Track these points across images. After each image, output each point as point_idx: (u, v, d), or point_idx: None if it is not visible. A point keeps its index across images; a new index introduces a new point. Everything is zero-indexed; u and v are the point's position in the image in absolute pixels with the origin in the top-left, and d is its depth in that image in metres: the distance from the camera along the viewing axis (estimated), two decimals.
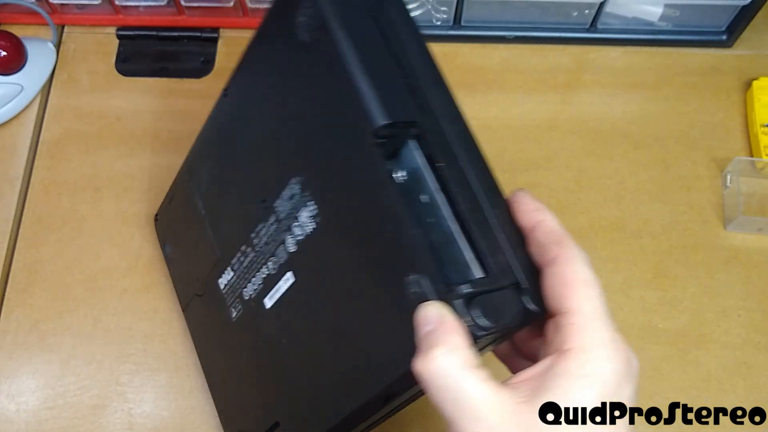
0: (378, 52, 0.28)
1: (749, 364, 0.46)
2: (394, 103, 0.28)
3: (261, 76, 0.35)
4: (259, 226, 0.35)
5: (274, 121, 0.33)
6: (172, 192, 0.45)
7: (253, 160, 0.36)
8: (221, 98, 0.38)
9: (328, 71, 0.28)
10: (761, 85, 0.53)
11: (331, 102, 0.29)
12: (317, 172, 0.31)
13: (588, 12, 0.54)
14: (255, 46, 0.35)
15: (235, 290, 0.38)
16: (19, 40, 0.54)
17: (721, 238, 0.50)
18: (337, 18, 0.28)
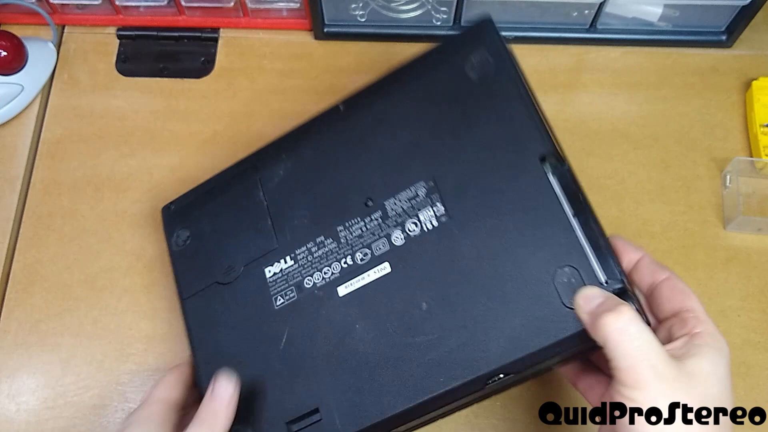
0: (531, 94, 0.38)
1: (749, 364, 0.46)
2: (547, 131, 0.37)
3: (406, 97, 0.41)
4: (353, 221, 0.39)
5: (406, 134, 0.40)
6: (212, 183, 0.45)
7: (360, 165, 0.40)
8: (334, 110, 0.43)
9: (500, 103, 0.38)
10: (761, 86, 0.53)
11: (497, 125, 0.37)
12: (456, 178, 0.38)
13: (588, 12, 0.54)
14: (408, 72, 0.41)
15: (289, 279, 0.40)
16: (19, 40, 0.54)
17: (720, 238, 0.50)
18: (513, 67, 0.39)
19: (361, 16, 0.56)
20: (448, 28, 0.56)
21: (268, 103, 0.55)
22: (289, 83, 0.56)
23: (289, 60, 0.57)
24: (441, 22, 0.56)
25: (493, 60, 0.39)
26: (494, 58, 0.39)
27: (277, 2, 0.56)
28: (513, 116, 0.37)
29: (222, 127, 0.55)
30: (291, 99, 0.55)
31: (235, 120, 0.55)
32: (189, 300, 0.43)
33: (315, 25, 0.56)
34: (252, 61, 0.57)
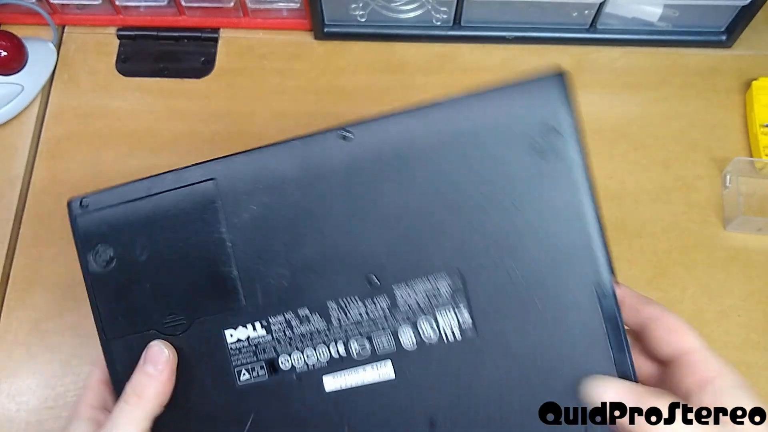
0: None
1: (749, 364, 0.46)
2: (608, 252, 0.31)
3: (445, 147, 0.31)
4: (350, 300, 0.31)
5: (435, 200, 0.30)
6: (150, 188, 0.33)
7: (367, 225, 0.31)
8: (338, 134, 0.33)
9: (563, 204, 0.30)
10: (761, 86, 0.53)
11: (554, 231, 0.30)
12: (492, 284, 0.30)
13: (588, 12, 0.54)
14: (451, 111, 0.32)
15: (258, 352, 0.32)
16: (19, 41, 0.54)
17: (720, 238, 0.50)
18: (583, 158, 0.31)
19: (361, 16, 0.56)
20: (448, 28, 0.56)
21: (269, 103, 0.55)
22: (289, 83, 0.56)
23: (289, 60, 0.57)
24: (441, 23, 0.56)
25: (561, 143, 0.30)
26: (564, 140, 0.30)
27: (277, 2, 0.56)
28: (576, 229, 0.30)
29: (222, 127, 0.55)
30: (291, 99, 0.55)
31: (235, 120, 0.55)
32: (114, 343, 0.33)
33: (315, 25, 0.56)
34: (252, 61, 0.57)
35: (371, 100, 0.55)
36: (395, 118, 0.31)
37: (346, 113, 0.55)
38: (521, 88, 0.30)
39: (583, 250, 0.30)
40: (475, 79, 0.56)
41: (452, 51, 0.57)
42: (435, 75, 0.56)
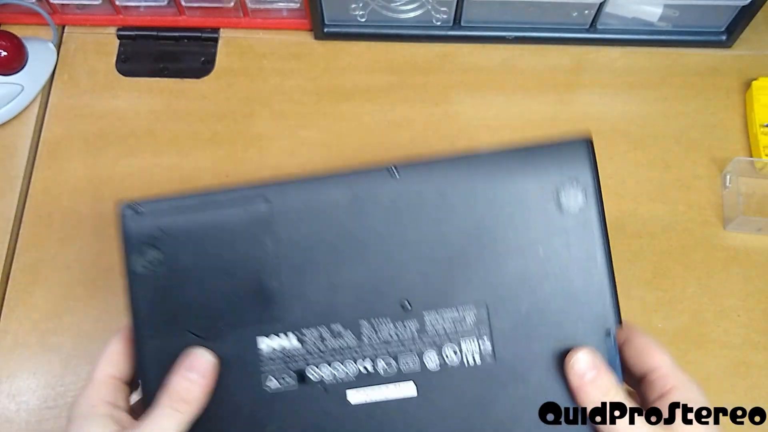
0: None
1: (748, 364, 0.46)
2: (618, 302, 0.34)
3: (481, 195, 0.35)
4: (382, 321, 0.34)
5: (469, 240, 0.34)
6: (204, 202, 0.35)
7: (406, 255, 0.34)
8: (386, 171, 0.35)
9: (581, 255, 0.34)
10: (761, 86, 0.53)
11: (572, 278, 0.34)
12: (512, 318, 0.34)
13: (588, 12, 0.54)
14: (488, 164, 0.35)
15: (289, 362, 0.34)
16: (19, 41, 0.54)
17: (720, 238, 0.50)
18: (603, 217, 0.35)
19: (361, 16, 0.56)
20: (448, 28, 0.56)
21: (269, 103, 0.55)
22: (289, 83, 0.56)
23: (289, 60, 0.57)
24: (441, 22, 0.56)
25: (584, 200, 0.34)
26: (587, 198, 0.35)
27: (277, 2, 0.56)
28: (590, 275, 0.34)
29: (222, 127, 0.55)
30: (291, 99, 0.56)
31: (235, 120, 0.55)
32: (149, 342, 0.34)
33: (315, 25, 0.56)
34: (252, 61, 0.57)
35: (371, 100, 0.55)
36: (439, 164, 0.35)
37: (346, 113, 0.55)
38: (552, 148, 0.35)
39: (596, 296, 0.34)
40: (475, 79, 0.56)
41: (452, 51, 0.57)
42: (435, 75, 0.56)
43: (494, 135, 0.54)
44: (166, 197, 0.35)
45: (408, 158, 0.36)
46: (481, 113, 0.55)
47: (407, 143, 0.54)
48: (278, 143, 0.54)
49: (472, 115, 0.55)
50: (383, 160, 0.35)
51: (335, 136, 0.54)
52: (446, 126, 0.54)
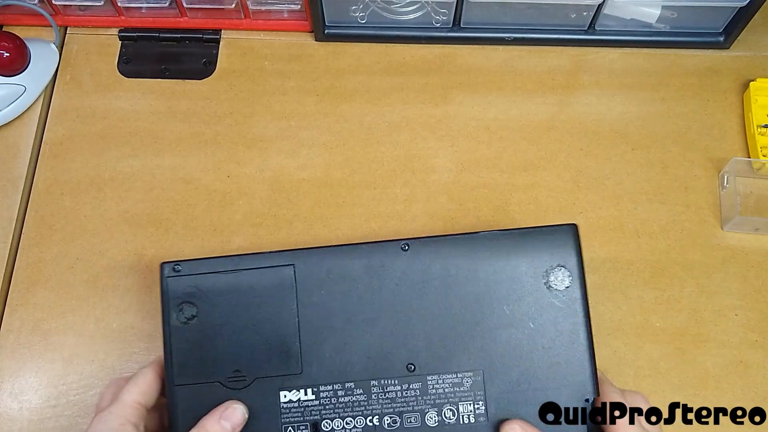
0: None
1: (746, 363, 0.46)
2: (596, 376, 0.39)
3: (480, 275, 0.39)
4: (390, 381, 0.38)
5: (469, 314, 0.39)
6: (236, 266, 0.40)
7: (413, 324, 0.39)
8: (397, 246, 0.40)
9: (566, 332, 0.38)
10: (758, 86, 0.54)
11: (559, 353, 0.38)
12: (504, 385, 0.38)
13: (586, 14, 0.55)
14: (486, 247, 0.40)
15: (306, 414, 0.38)
16: (22, 42, 0.54)
17: (718, 238, 0.50)
18: (585, 299, 0.39)
19: (361, 18, 0.56)
20: (448, 29, 0.57)
21: (269, 104, 0.56)
22: (289, 84, 0.56)
23: (289, 61, 0.58)
24: (441, 24, 0.56)
25: (570, 281, 0.39)
26: (572, 279, 0.39)
27: (277, 4, 0.56)
28: (574, 349, 0.38)
29: (223, 128, 0.55)
30: (292, 100, 0.56)
31: (236, 121, 0.55)
32: (181, 389, 0.38)
33: (315, 27, 0.57)
34: (253, 62, 0.58)
35: (371, 102, 0.56)
36: (444, 241, 0.40)
37: (347, 114, 0.55)
38: (544, 232, 0.40)
39: (578, 367, 0.38)
40: (474, 80, 0.56)
41: (452, 52, 0.58)
42: (435, 76, 0.57)
43: (493, 136, 0.54)
44: (203, 259, 0.40)
45: (417, 234, 0.43)
46: (480, 114, 0.55)
47: (407, 144, 0.54)
48: (279, 144, 0.54)
49: (472, 116, 0.55)
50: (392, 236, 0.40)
51: (336, 137, 0.54)
52: (446, 127, 0.55)
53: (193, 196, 0.52)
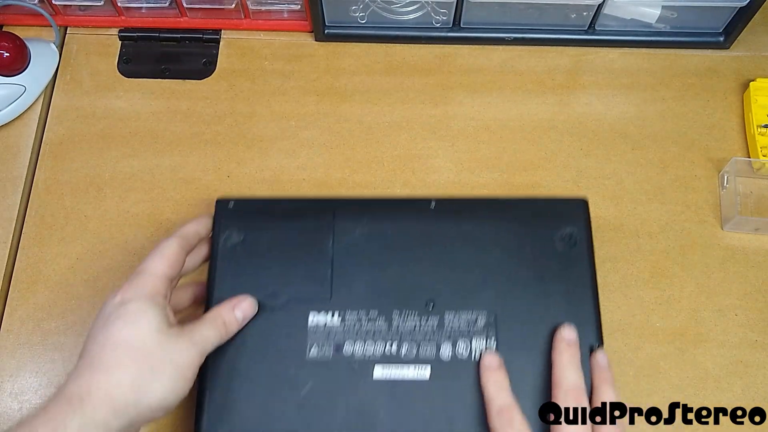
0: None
1: (746, 363, 0.46)
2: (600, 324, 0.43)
3: (497, 232, 0.44)
4: (410, 313, 0.42)
5: (485, 263, 0.43)
6: (282, 205, 0.45)
7: (434, 267, 0.43)
8: (425, 203, 0.45)
9: (573, 285, 0.43)
10: (758, 86, 0.54)
11: (565, 301, 0.42)
12: (515, 327, 0.42)
13: (586, 14, 0.55)
14: (504, 210, 0.45)
15: (331, 336, 0.41)
16: (21, 42, 0.54)
17: (718, 238, 0.50)
18: (592, 257, 0.44)
19: (361, 18, 0.56)
20: (448, 29, 0.57)
21: (269, 104, 0.56)
22: (290, 84, 0.57)
23: (289, 61, 0.58)
24: (441, 24, 0.56)
25: (579, 243, 0.44)
26: (581, 242, 0.44)
27: (277, 4, 0.56)
28: (580, 301, 0.42)
29: (223, 127, 0.55)
30: (292, 100, 0.56)
31: (236, 121, 0.55)
32: (222, 301, 0.42)
33: (315, 27, 0.57)
34: (253, 62, 0.58)
35: (371, 102, 0.56)
36: (467, 202, 0.45)
37: (347, 114, 0.55)
38: (557, 201, 0.45)
39: (584, 317, 0.42)
40: (474, 80, 0.56)
41: (452, 52, 0.58)
42: (435, 76, 0.57)
43: (493, 135, 0.54)
44: (255, 199, 0.46)
45: (445, 196, 0.48)
46: (480, 114, 0.55)
47: (407, 144, 0.54)
48: (279, 144, 0.54)
49: (472, 116, 0.55)
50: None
51: (336, 137, 0.54)
52: (446, 127, 0.55)
53: (193, 196, 0.52)
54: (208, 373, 0.41)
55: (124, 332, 0.36)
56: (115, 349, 0.35)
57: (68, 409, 0.33)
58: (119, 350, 0.35)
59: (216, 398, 0.40)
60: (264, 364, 0.41)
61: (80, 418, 0.33)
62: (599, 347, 0.41)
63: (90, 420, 0.33)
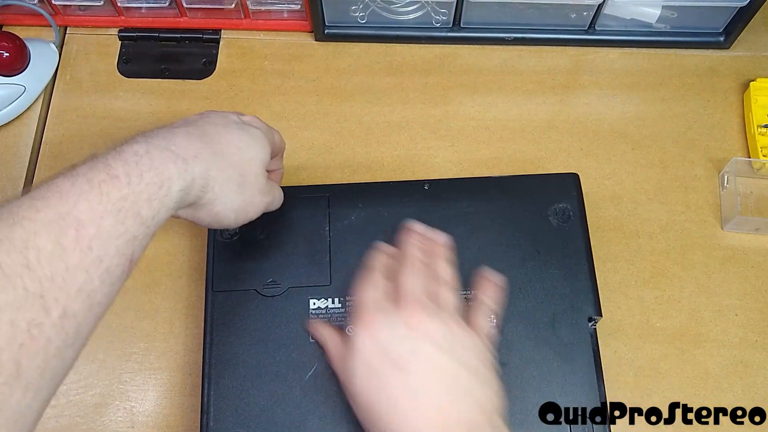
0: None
1: (746, 363, 0.46)
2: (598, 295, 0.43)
3: (490, 210, 0.45)
4: None
5: (479, 242, 0.44)
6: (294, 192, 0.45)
7: None
8: (418, 184, 0.46)
9: (569, 258, 0.43)
10: (758, 86, 0.54)
11: (561, 275, 0.43)
12: (513, 302, 0.42)
13: (586, 14, 0.55)
14: (497, 187, 0.46)
15: (332, 320, 0.42)
16: (21, 42, 0.54)
17: (718, 238, 0.50)
18: (586, 230, 0.44)
19: (361, 18, 0.56)
20: (448, 29, 0.57)
21: (269, 104, 0.56)
22: (289, 84, 0.56)
23: (289, 61, 0.57)
24: (441, 24, 0.56)
25: (572, 217, 0.45)
26: (574, 216, 0.45)
27: (277, 4, 0.56)
28: (577, 274, 0.43)
29: None
30: (292, 100, 0.56)
31: None
32: (219, 294, 0.43)
33: (315, 27, 0.57)
34: (253, 62, 0.58)
35: (371, 101, 0.56)
36: (461, 182, 0.46)
37: (347, 114, 0.55)
38: (548, 177, 0.46)
39: (582, 290, 0.43)
40: (474, 80, 0.56)
41: (452, 52, 0.57)
42: (435, 76, 0.57)
43: (493, 136, 0.54)
44: None
45: (438, 178, 0.47)
46: (480, 114, 0.55)
47: (407, 144, 0.54)
48: None
49: (472, 116, 0.55)
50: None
51: (336, 137, 0.54)
52: (446, 127, 0.55)
53: None
54: (213, 361, 0.41)
55: (241, 142, 0.37)
56: (228, 146, 0.36)
57: (173, 168, 0.32)
58: (231, 148, 0.36)
59: (222, 385, 0.41)
60: (268, 351, 0.41)
61: (182, 179, 0.33)
62: (596, 319, 0.42)
63: (189, 182, 0.33)
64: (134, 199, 0.30)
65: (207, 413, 0.41)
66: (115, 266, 0.30)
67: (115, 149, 0.32)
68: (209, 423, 0.40)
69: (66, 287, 0.27)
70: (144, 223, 0.31)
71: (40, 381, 0.26)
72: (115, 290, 0.31)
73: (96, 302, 0.29)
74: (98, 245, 0.29)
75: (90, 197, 0.29)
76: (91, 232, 0.28)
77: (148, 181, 0.31)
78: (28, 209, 0.28)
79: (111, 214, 0.29)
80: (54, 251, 0.27)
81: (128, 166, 0.31)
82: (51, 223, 0.28)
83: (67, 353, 0.28)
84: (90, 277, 0.28)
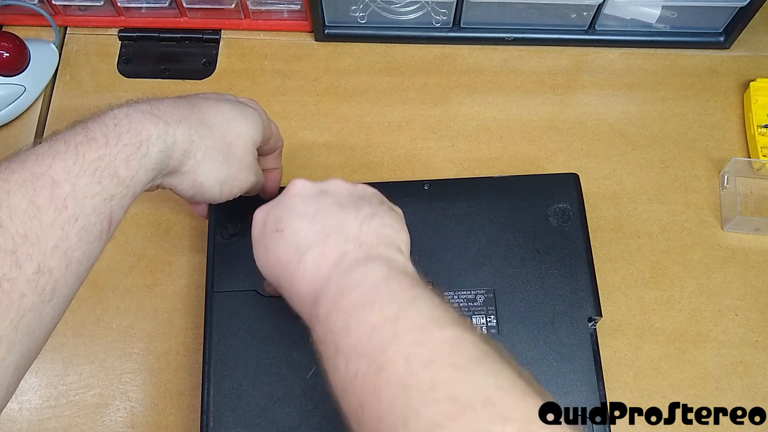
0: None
1: (746, 363, 0.46)
2: (598, 295, 0.44)
3: (492, 210, 0.45)
4: None
5: (481, 241, 0.44)
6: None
7: (431, 248, 0.44)
8: (418, 184, 0.46)
9: (569, 258, 0.44)
10: (758, 87, 0.54)
11: (562, 275, 0.43)
12: (515, 302, 0.42)
13: (586, 14, 0.55)
14: (498, 187, 0.46)
15: None
16: (21, 42, 0.54)
17: (718, 238, 0.50)
18: (586, 230, 0.45)
19: (361, 18, 0.56)
20: (448, 29, 0.57)
21: (269, 105, 0.55)
22: (289, 84, 0.56)
23: (289, 61, 0.57)
24: (441, 24, 0.56)
25: (572, 217, 0.45)
26: (574, 216, 0.45)
27: (277, 4, 0.56)
28: (577, 274, 0.43)
29: None
30: (292, 100, 0.56)
31: None
32: (219, 294, 0.43)
33: (315, 27, 0.57)
34: (253, 62, 0.58)
35: (371, 101, 0.56)
36: (461, 182, 0.46)
37: (347, 114, 0.55)
38: (549, 177, 0.47)
39: (581, 291, 0.43)
40: (474, 80, 0.56)
41: (452, 52, 0.57)
42: (435, 76, 0.57)
43: (493, 136, 0.54)
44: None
45: (438, 178, 0.47)
46: (480, 114, 0.55)
47: (407, 144, 0.54)
48: None
49: (472, 116, 0.55)
50: None
51: (336, 137, 0.54)
52: (446, 127, 0.55)
53: None
54: (213, 361, 0.41)
55: (231, 114, 0.38)
56: (217, 116, 0.37)
57: (153, 129, 0.33)
58: (220, 119, 0.37)
59: (222, 385, 0.41)
60: (268, 351, 0.41)
61: (162, 141, 0.33)
62: (596, 319, 0.43)
63: (170, 144, 0.34)
64: (111, 159, 0.31)
65: (207, 413, 0.41)
66: (93, 225, 0.30)
67: (97, 114, 0.33)
68: (209, 423, 0.40)
69: (40, 244, 0.28)
70: (122, 183, 0.32)
71: (13, 335, 0.27)
72: (96, 249, 0.31)
73: (74, 260, 0.30)
74: (73, 203, 0.29)
75: (66, 157, 0.30)
76: (65, 191, 0.29)
77: (126, 142, 0.32)
78: (4, 171, 0.29)
79: (87, 173, 0.30)
80: (27, 210, 0.28)
81: (106, 128, 0.32)
82: (25, 182, 0.28)
83: (45, 309, 0.28)
84: (66, 235, 0.29)
